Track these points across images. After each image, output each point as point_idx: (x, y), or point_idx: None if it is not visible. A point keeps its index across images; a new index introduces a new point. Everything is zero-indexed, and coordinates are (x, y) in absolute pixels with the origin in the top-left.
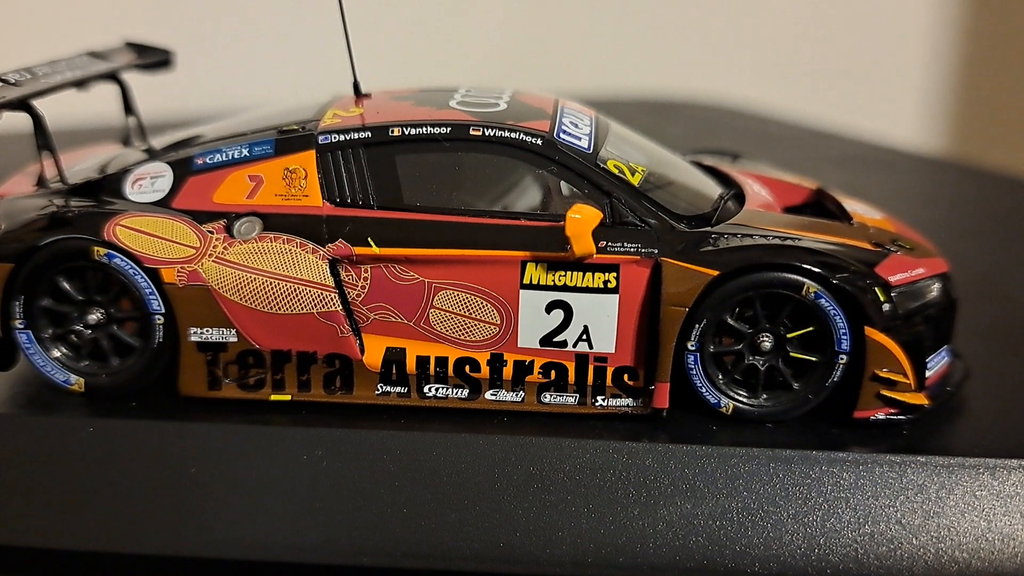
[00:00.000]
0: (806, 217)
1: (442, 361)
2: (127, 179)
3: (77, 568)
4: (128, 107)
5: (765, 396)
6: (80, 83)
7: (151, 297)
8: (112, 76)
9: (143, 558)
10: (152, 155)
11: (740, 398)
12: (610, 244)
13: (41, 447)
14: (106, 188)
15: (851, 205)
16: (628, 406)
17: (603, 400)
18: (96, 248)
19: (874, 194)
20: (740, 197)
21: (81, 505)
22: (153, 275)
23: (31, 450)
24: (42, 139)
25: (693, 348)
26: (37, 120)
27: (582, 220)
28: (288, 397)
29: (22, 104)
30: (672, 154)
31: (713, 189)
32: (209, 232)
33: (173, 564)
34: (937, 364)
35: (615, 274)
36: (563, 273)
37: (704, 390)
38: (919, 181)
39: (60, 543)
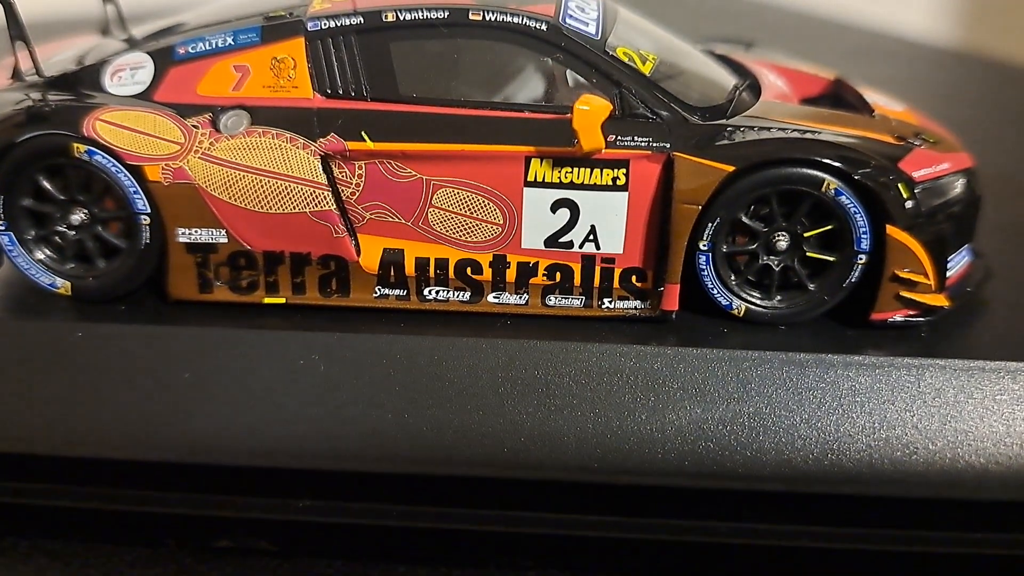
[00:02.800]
0: (825, 108)
1: (442, 263)
2: (106, 71)
3: (67, 474)
4: None
5: (779, 297)
6: None
7: (135, 196)
8: None
9: (133, 464)
10: (132, 45)
11: (753, 299)
12: (619, 138)
13: (29, 352)
14: (84, 81)
15: (872, 96)
16: (636, 308)
17: (610, 302)
18: (76, 144)
19: (887, 89)
20: (755, 88)
21: (71, 411)
22: (136, 173)
23: (18, 355)
24: (15, 28)
25: (705, 248)
26: (8, 7)
27: (590, 112)
28: (282, 300)
29: None
30: (683, 42)
31: (727, 79)
32: (194, 127)
33: (165, 470)
34: (958, 264)
35: (624, 170)
36: (569, 170)
37: (716, 291)
38: (933, 74)
39: (50, 450)
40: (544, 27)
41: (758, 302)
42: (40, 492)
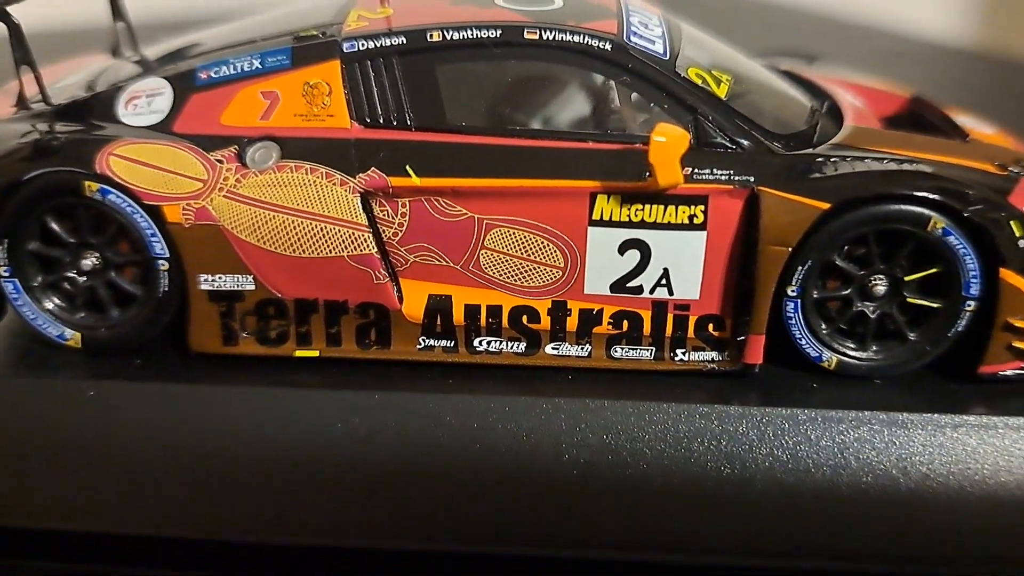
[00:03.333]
0: (916, 133)
1: (495, 310)
2: (120, 98)
3: (80, 551)
4: (117, 10)
5: (875, 348)
6: None
7: (153, 239)
8: None
9: (148, 540)
10: (147, 68)
11: (846, 350)
12: (696, 171)
13: (34, 413)
14: (96, 109)
15: (958, 117)
16: (713, 361)
17: (684, 354)
18: (87, 182)
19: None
20: (834, 110)
21: (82, 482)
22: (155, 214)
23: (23, 417)
24: (20, 52)
25: (794, 294)
26: (14, 29)
27: (668, 144)
28: (316, 353)
29: None
30: (748, 58)
31: (802, 101)
32: (218, 161)
33: (180, 547)
34: None
35: (703, 207)
36: (640, 207)
37: (804, 342)
38: (950, 74)
39: (59, 524)
40: (608, 46)
41: (852, 353)
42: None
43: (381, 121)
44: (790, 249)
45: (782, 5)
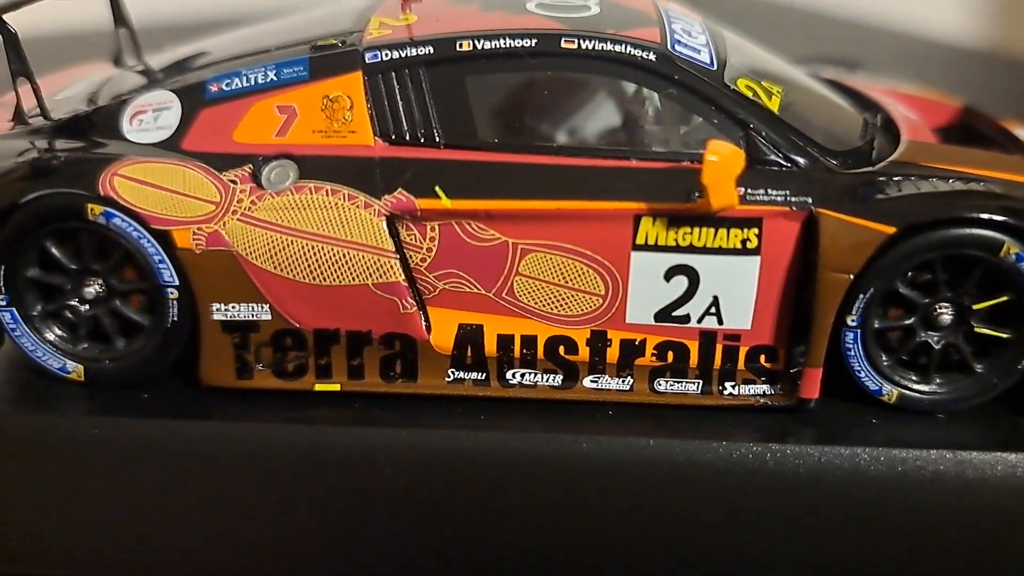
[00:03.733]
0: (978, 149)
1: (529, 341)
2: (124, 112)
3: None
4: (118, 16)
5: (939, 380)
6: None
7: (161, 266)
8: None
9: None
10: (152, 80)
11: (908, 383)
12: (750, 191)
13: (34, 452)
14: (99, 125)
15: (1015, 129)
16: (764, 395)
17: (733, 387)
18: (90, 205)
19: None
20: (887, 123)
21: (87, 526)
22: (163, 239)
23: (21, 456)
24: (17, 63)
25: (854, 323)
26: (10, 39)
27: (723, 164)
28: (337, 387)
29: None
30: (792, 66)
31: (854, 113)
32: (231, 182)
33: None
34: None
35: (756, 230)
36: (689, 230)
37: (863, 374)
38: (962, 75)
39: (64, 572)
40: (653, 56)
41: (914, 386)
42: None
43: (407, 138)
44: (852, 276)
45: (791, 5)
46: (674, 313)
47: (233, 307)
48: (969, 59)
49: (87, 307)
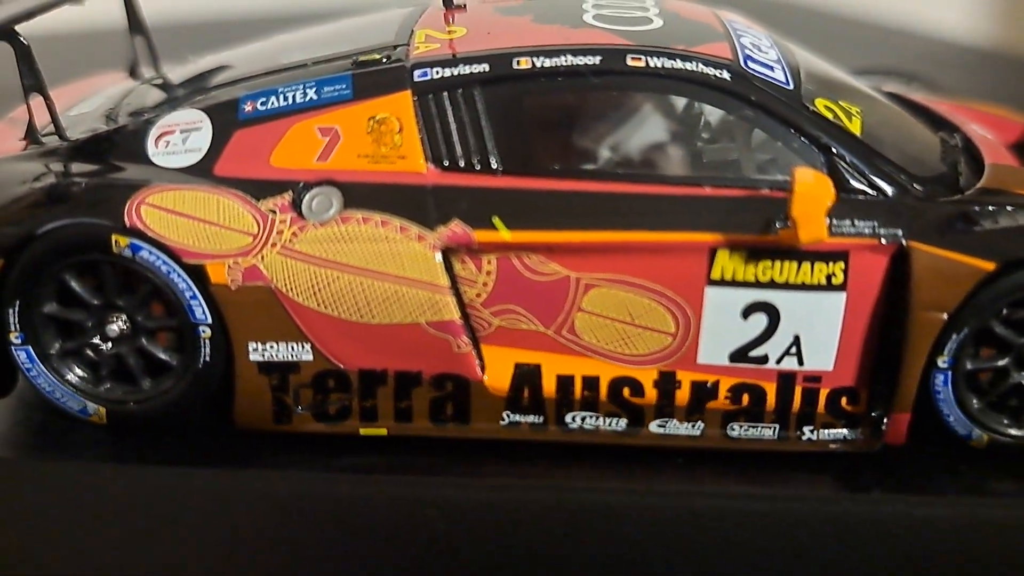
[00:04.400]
0: None
1: (591, 382)
2: (149, 133)
3: None
4: (134, 23)
5: None
6: None
7: (193, 303)
8: None
9: None
10: (174, 95)
11: (999, 427)
12: (835, 222)
13: (53, 500)
14: (121, 146)
15: None
16: (845, 440)
17: (812, 432)
18: (116, 237)
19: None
20: (966, 143)
21: None
22: (196, 273)
23: (40, 504)
24: (30, 78)
25: (945, 365)
26: (23, 53)
27: (813, 194)
28: (383, 431)
29: (3, 33)
30: (859, 82)
31: (929, 134)
32: (270, 212)
33: None
34: None
35: (843, 264)
36: (769, 264)
37: (952, 418)
38: (970, 75)
39: None
40: (727, 75)
41: (1006, 430)
42: None
43: (462, 164)
44: (946, 315)
45: (798, 5)
46: (751, 353)
47: (271, 346)
48: (976, 59)
49: (110, 345)
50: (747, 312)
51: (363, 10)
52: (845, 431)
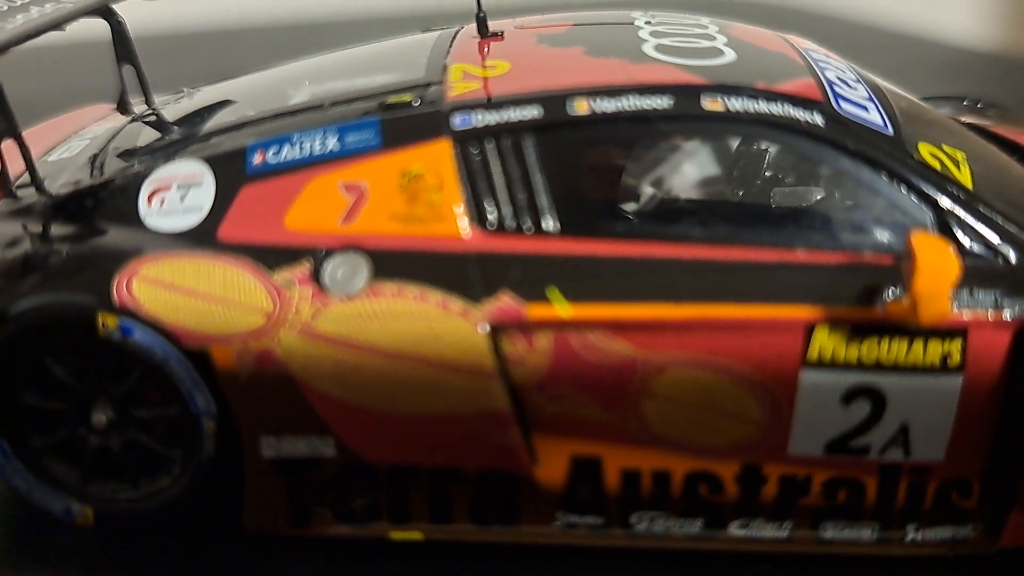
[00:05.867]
0: None
1: (662, 477)
2: (141, 189)
3: None
4: (123, 51)
5: None
6: (57, 25)
7: (195, 391)
8: (102, 11)
9: None
10: (168, 138)
11: None
12: (952, 293)
13: None
14: (107, 204)
15: None
16: (956, 540)
17: (916, 531)
18: (103, 317)
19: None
20: None
21: None
22: (199, 358)
23: None
24: (3, 121)
25: None
26: None
27: (939, 268)
28: (418, 535)
29: None
30: (946, 114)
31: (1019, 170)
32: (287, 286)
33: None
34: None
35: (960, 343)
36: (875, 343)
37: None
38: (974, 79)
39: None
40: (820, 120)
41: None
42: None
43: (511, 225)
44: None
45: (795, 6)
46: (851, 443)
47: (288, 441)
48: (979, 63)
49: (96, 437)
50: (848, 398)
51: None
52: (957, 529)
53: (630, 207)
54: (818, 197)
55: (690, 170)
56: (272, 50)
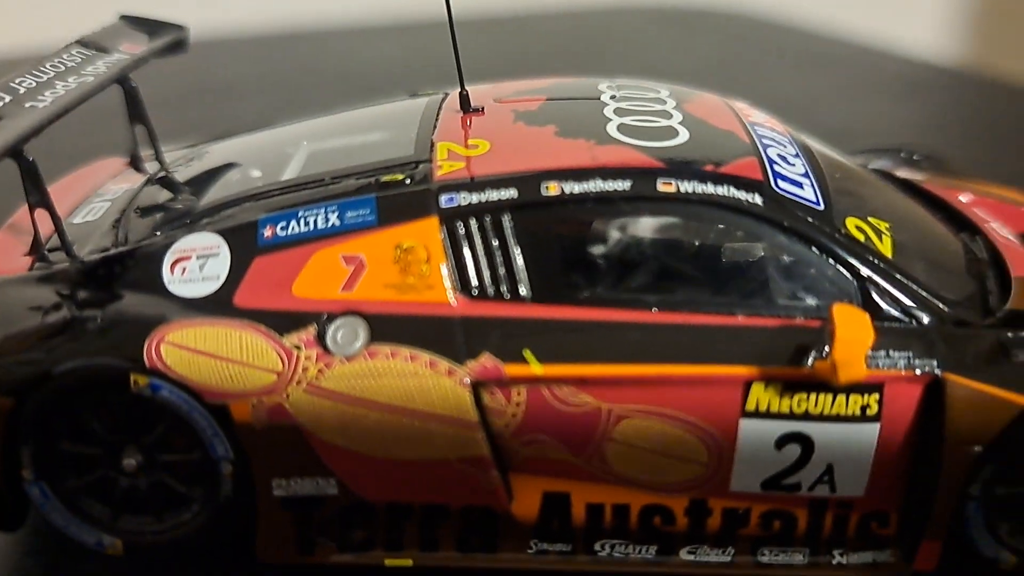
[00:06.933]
0: None
1: (621, 510)
2: (164, 259)
3: None
4: (135, 111)
5: None
6: (80, 102)
7: (215, 439)
8: (120, 81)
9: None
10: (182, 200)
11: None
12: (871, 354)
13: None
14: (134, 272)
15: None
16: (875, 563)
17: (842, 555)
18: (135, 377)
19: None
20: (986, 245)
21: None
22: (219, 412)
23: None
24: (35, 195)
25: (977, 494)
26: (28, 169)
27: (855, 340)
28: (409, 562)
29: (11, 152)
30: (866, 171)
31: (953, 240)
32: (295, 347)
33: None
34: None
35: (877, 396)
36: (804, 396)
37: (982, 543)
38: (935, 94)
39: None
40: (759, 200)
41: None
42: None
43: (491, 293)
44: (980, 449)
45: (755, 17)
46: (784, 482)
47: (296, 482)
48: (944, 78)
49: (126, 478)
50: (781, 443)
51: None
52: (874, 553)
53: (594, 277)
54: (761, 253)
55: (646, 244)
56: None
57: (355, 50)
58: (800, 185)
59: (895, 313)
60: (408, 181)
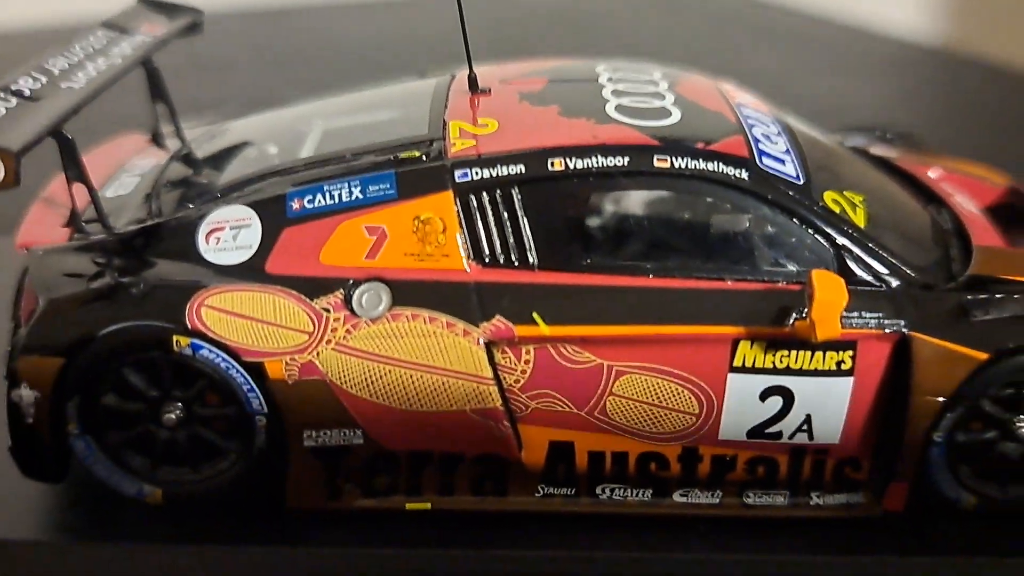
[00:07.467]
0: None
1: (620, 457)
2: (199, 229)
3: None
4: (157, 90)
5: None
6: (113, 82)
7: (251, 395)
8: (144, 63)
9: None
10: (205, 176)
11: (985, 492)
12: (846, 314)
13: None
14: (170, 241)
15: None
16: (849, 504)
17: (819, 497)
18: (177, 337)
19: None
20: (951, 216)
21: None
22: (254, 370)
23: None
24: (74, 170)
25: (940, 440)
26: (67, 147)
27: (831, 300)
28: (427, 505)
29: (52, 131)
30: (842, 147)
31: (921, 211)
32: (324, 310)
33: None
34: None
35: (851, 353)
36: (786, 353)
37: (944, 485)
38: (918, 74)
39: None
40: (745, 175)
41: (991, 494)
42: None
43: (502, 260)
44: (942, 399)
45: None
46: (767, 430)
47: (325, 433)
48: (923, 57)
49: (165, 432)
50: (764, 395)
51: None
52: (849, 495)
53: (596, 245)
54: (747, 224)
55: (644, 215)
56: None
57: (351, 27)
58: (782, 161)
59: (867, 278)
60: (424, 158)
